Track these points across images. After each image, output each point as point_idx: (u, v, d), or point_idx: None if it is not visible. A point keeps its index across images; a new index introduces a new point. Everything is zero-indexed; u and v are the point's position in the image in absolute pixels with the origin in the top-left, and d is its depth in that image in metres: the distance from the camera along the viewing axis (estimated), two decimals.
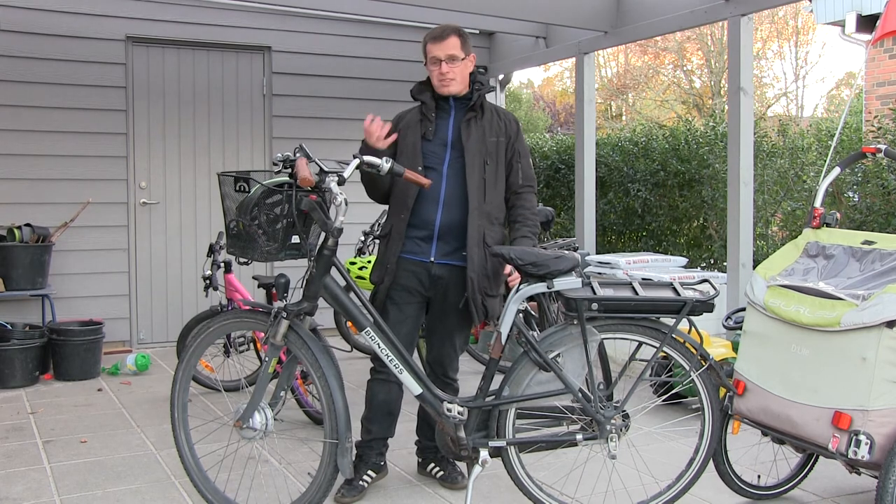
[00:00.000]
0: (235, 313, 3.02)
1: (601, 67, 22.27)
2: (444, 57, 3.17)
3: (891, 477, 2.58)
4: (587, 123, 6.29)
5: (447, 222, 3.19)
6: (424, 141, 3.25)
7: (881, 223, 5.36)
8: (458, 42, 3.19)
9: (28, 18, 5.82)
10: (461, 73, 3.21)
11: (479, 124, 3.23)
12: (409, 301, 3.26)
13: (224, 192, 3.29)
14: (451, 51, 3.18)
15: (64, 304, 5.82)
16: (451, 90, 3.22)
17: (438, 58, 3.18)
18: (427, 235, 3.21)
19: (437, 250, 3.21)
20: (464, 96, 3.26)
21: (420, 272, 3.22)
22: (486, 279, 3.19)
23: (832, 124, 7.73)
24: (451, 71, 3.19)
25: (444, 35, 3.20)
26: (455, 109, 3.27)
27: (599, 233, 7.10)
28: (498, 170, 3.24)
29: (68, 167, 5.97)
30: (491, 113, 3.28)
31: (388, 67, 7.00)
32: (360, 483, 3.27)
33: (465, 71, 3.22)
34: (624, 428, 2.83)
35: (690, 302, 2.78)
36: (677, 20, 5.42)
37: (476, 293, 3.16)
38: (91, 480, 3.46)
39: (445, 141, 3.23)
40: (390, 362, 2.87)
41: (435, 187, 3.19)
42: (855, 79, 18.49)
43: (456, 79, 3.20)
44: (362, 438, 3.39)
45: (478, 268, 3.16)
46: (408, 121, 3.34)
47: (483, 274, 3.17)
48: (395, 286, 3.25)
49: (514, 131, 3.31)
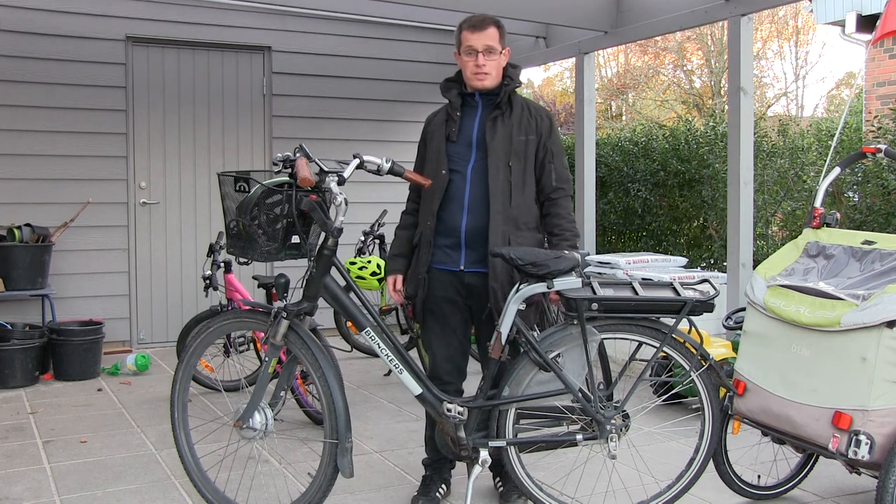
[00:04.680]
0: (235, 313, 3.02)
1: (601, 67, 22.26)
2: (482, 48, 2.97)
3: (891, 477, 2.58)
4: (587, 123, 6.29)
5: (473, 228, 3.01)
6: (449, 143, 3.06)
7: (881, 223, 5.36)
8: (496, 33, 3.00)
9: (28, 18, 5.82)
10: (497, 67, 3.02)
11: (506, 122, 3.03)
12: (452, 312, 3.10)
13: (224, 191, 3.29)
14: (490, 41, 2.98)
15: (64, 304, 5.82)
16: (485, 84, 3.02)
17: (475, 48, 2.97)
18: (455, 243, 3.04)
19: (467, 258, 3.03)
20: (491, 92, 3.05)
21: (454, 282, 3.06)
22: (510, 286, 2.91)
23: (832, 124, 7.74)
24: (488, 63, 2.99)
25: (483, 24, 2.99)
26: (482, 107, 3.07)
27: (599, 233, 7.10)
28: (526, 171, 3.04)
29: (68, 167, 5.97)
30: (521, 109, 3.06)
31: (388, 67, 7.00)
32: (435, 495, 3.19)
33: (500, 65, 3.03)
34: (624, 428, 2.82)
35: (690, 302, 2.77)
36: (677, 20, 5.42)
37: (501, 302, 2.93)
38: (91, 480, 3.46)
39: (470, 141, 3.05)
40: (390, 362, 2.86)
41: (459, 192, 3.02)
42: (855, 79, 18.49)
43: (491, 73, 3.00)
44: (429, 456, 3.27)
45: (501, 276, 2.96)
46: (435, 123, 3.16)
47: (509, 282, 2.94)
48: (433, 297, 3.09)
49: (547, 128, 3.07)
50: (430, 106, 3.19)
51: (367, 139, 6.87)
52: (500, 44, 3.02)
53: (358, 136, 6.89)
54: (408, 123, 6.86)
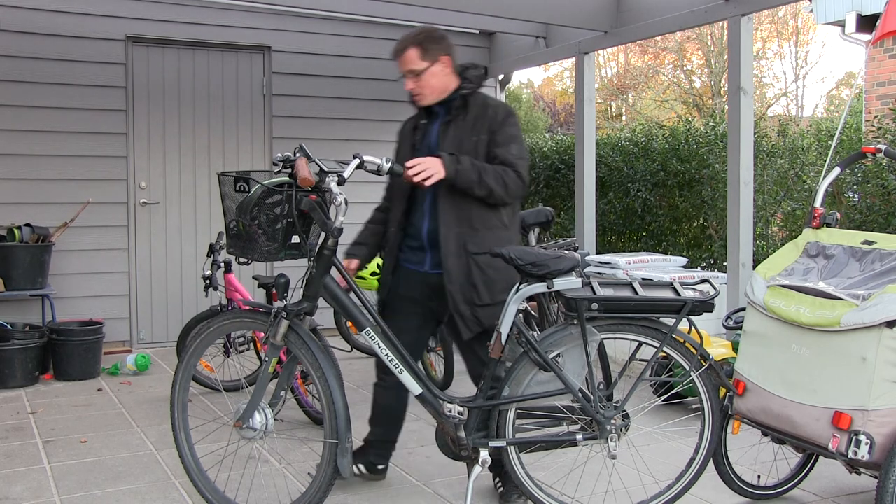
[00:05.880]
0: (235, 313, 3.02)
1: (601, 67, 22.27)
2: (404, 72, 3.07)
3: (891, 477, 2.58)
4: (587, 123, 6.29)
5: (433, 231, 3.08)
6: (414, 150, 3.16)
7: (881, 223, 5.36)
8: (415, 53, 3.03)
9: (28, 18, 5.82)
10: (430, 84, 3.07)
11: (459, 126, 3.07)
12: (411, 311, 3.20)
13: (224, 191, 3.29)
14: (409, 65, 3.05)
15: (64, 304, 5.82)
16: (424, 103, 3.12)
17: (402, 73, 3.10)
18: (420, 246, 3.14)
19: (431, 260, 3.12)
20: (449, 98, 3.11)
21: (420, 282, 3.15)
22: (472, 288, 3.01)
23: (832, 124, 7.73)
24: (417, 85, 3.07)
25: (399, 51, 3.07)
26: (441, 114, 3.15)
27: (599, 233, 7.09)
28: None
29: (68, 167, 5.97)
30: (478, 109, 3.08)
31: (389, 67, 6.92)
32: None
33: (433, 80, 3.06)
34: (624, 428, 2.82)
35: (690, 302, 2.77)
36: (677, 20, 5.42)
37: (461, 305, 3.01)
38: (91, 480, 3.46)
39: (431, 148, 3.11)
40: (390, 362, 2.86)
41: (422, 196, 3.10)
42: (855, 79, 18.49)
43: (424, 91, 3.08)
44: (366, 437, 3.39)
45: (457, 279, 3.01)
46: (405, 131, 3.30)
47: (467, 283, 3.01)
48: (397, 294, 3.21)
49: (500, 120, 3.06)
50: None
51: (367, 139, 6.87)
52: (425, 60, 3.04)
53: (358, 136, 6.89)
54: None
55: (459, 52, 3.20)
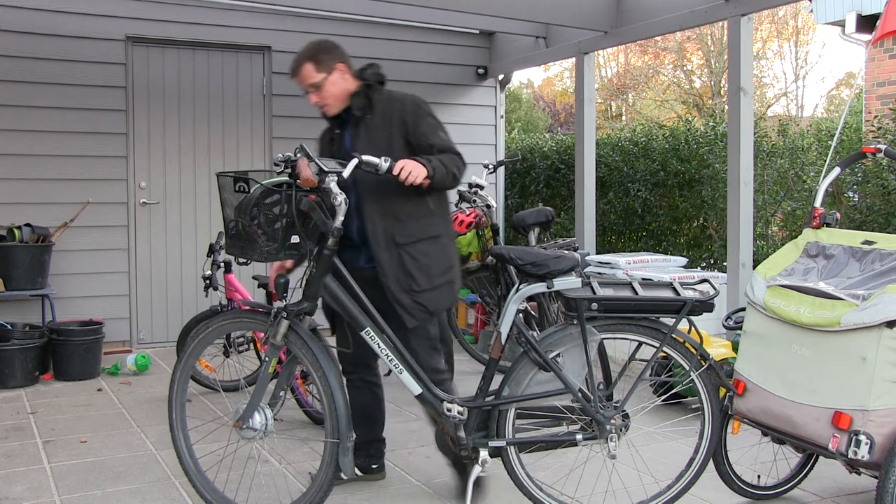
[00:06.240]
0: (235, 313, 3.02)
1: (601, 67, 22.28)
2: (306, 88, 3.13)
3: (891, 477, 2.58)
4: (587, 123, 6.29)
5: (361, 229, 3.11)
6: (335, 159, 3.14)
7: (881, 223, 5.36)
8: (311, 68, 3.09)
9: (28, 18, 5.82)
10: (331, 94, 3.12)
11: (369, 125, 3.13)
12: None
13: (223, 198, 3.28)
14: (308, 80, 3.11)
15: (64, 304, 5.82)
16: (332, 113, 3.17)
17: (305, 90, 3.14)
18: (354, 245, 3.15)
19: (364, 255, 3.13)
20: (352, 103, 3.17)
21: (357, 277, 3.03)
22: (409, 277, 3.04)
23: (832, 124, 7.72)
24: (320, 97, 3.13)
25: (294, 71, 3.13)
26: (350, 118, 3.19)
27: (599, 233, 7.09)
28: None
29: (68, 167, 5.97)
30: (384, 105, 3.14)
31: (388, 67, 6.88)
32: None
33: (333, 88, 3.12)
34: (623, 428, 2.83)
35: (690, 302, 2.78)
36: (677, 20, 5.42)
37: (399, 294, 3.03)
38: (91, 480, 3.46)
39: (347, 152, 3.06)
40: (390, 362, 2.86)
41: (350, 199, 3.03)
42: (855, 79, 18.49)
43: (329, 101, 3.14)
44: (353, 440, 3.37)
45: (390, 271, 3.04)
46: (322, 144, 3.34)
47: (402, 273, 3.04)
48: None
49: (411, 113, 3.12)
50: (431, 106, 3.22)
51: None
52: (321, 72, 3.10)
53: None
54: None
55: (459, 52, 3.20)
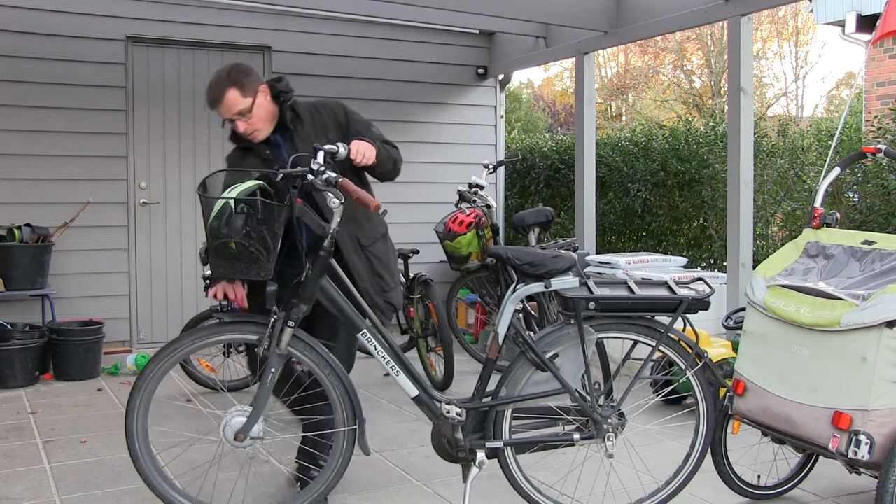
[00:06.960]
0: (231, 325, 2.85)
1: (601, 67, 22.28)
2: (233, 116, 2.97)
3: (891, 477, 2.58)
4: (587, 123, 6.29)
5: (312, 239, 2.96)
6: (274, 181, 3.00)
7: (881, 223, 5.35)
8: (236, 94, 2.93)
9: (28, 18, 5.82)
10: (260, 118, 3.01)
11: (302, 135, 3.06)
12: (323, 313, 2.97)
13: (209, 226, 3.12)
14: (236, 108, 2.95)
15: (64, 304, 5.82)
16: (261, 138, 3.04)
17: (231, 119, 2.99)
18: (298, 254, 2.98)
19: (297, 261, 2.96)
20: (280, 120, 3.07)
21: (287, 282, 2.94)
22: (378, 277, 3.07)
23: (832, 124, 7.72)
24: (249, 124, 2.99)
25: (216, 100, 2.95)
26: (280, 137, 3.10)
27: (599, 233, 7.09)
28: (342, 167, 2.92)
29: (68, 167, 5.97)
30: (310, 115, 3.10)
31: (388, 67, 6.99)
32: None
33: (261, 111, 3.00)
34: (620, 427, 2.83)
35: (686, 300, 2.79)
36: (677, 20, 5.42)
37: (376, 297, 3.04)
38: (91, 480, 3.46)
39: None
40: (386, 364, 2.86)
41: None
42: (855, 79, 18.49)
43: (258, 125, 3.01)
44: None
45: (365, 274, 3.04)
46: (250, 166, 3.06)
47: (374, 276, 3.06)
48: None
49: (343, 115, 3.11)
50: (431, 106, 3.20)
51: None
52: (248, 96, 2.95)
53: None
54: (408, 123, 6.84)
55: (459, 52, 3.18)
